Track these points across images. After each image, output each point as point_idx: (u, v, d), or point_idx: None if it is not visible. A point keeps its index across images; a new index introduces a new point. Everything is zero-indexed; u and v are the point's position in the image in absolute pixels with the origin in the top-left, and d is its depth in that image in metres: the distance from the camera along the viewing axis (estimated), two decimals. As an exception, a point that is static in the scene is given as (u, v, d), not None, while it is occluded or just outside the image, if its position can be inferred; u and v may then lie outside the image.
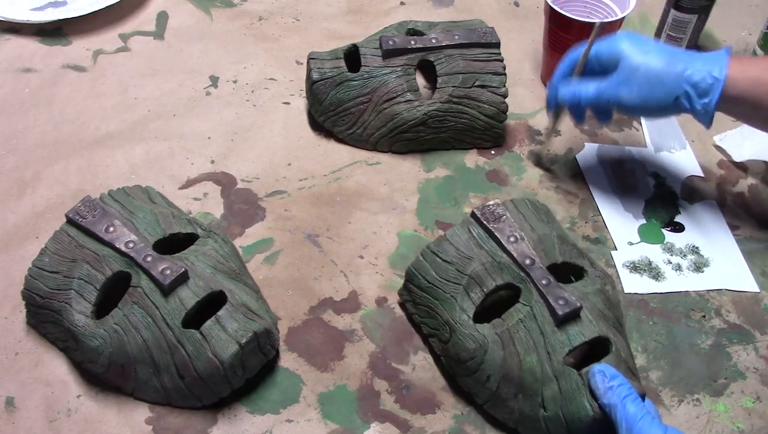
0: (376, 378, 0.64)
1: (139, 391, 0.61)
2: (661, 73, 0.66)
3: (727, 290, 0.71)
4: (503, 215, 0.63)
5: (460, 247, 0.63)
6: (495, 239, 0.62)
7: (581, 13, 0.86)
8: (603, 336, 0.58)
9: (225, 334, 0.58)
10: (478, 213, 0.63)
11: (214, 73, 0.90)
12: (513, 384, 0.58)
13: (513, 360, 0.57)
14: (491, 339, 0.58)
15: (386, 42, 0.79)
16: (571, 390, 0.56)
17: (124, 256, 0.61)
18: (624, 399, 0.53)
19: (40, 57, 0.91)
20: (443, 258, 0.63)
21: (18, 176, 0.78)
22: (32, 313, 0.64)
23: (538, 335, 0.58)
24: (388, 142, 0.81)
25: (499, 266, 0.61)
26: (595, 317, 0.59)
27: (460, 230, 0.64)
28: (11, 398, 0.61)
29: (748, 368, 0.65)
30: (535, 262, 0.60)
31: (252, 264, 0.71)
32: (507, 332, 0.58)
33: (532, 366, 0.57)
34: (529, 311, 0.58)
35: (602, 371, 0.55)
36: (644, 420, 0.52)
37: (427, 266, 0.63)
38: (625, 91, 0.67)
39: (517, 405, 0.58)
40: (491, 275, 0.61)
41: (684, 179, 0.81)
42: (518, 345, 0.58)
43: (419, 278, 0.64)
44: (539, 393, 0.57)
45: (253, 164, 0.80)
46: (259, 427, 0.60)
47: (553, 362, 0.57)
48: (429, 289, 0.63)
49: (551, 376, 0.56)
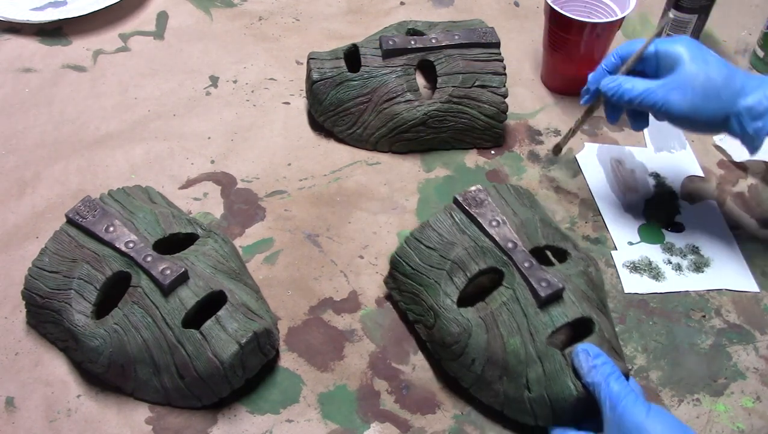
0: (376, 378, 0.64)
1: (139, 391, 0.61)
2: (720, 86, 0.63)
3: (727, 290, 0.71)
4: (485, 200, 0.64)
5: (442, 233, 0.63)
6: (477, 224, 0.63)
7: (581, 13, 0.86)
8: (586, 316, 0.58)
9: (225, 334, 0.58)
10: (460, 198, 0.64)
11: (214, 73, 0.90)
12: (497, 367, 0.58)
13: (497, 342, 0.58)
14: (475, 323, 0.59)
15: (386, 42, 0.79)
16: (555, 371, 0.56)
17: (124, 256, 0.61)
18: (608, 377, 0.53)
19: (40, 57, 0.91)
20: (426, 244, 0.63)
21: (18, 176, 0.78)
22: (32, 313, 0.64)
23: (521, 317, 0.58)
24: (388, 142, 0.81)
25: (481, 250, 0.61)
26: (578, 298, 0.59)
27: (443, 216, 0.64)
28: (11, 398, 0.61)
29: (748, 368, 0.65)
30: (517, 245, 0.60)
31: (252, 264, 0.71)
32: (490, 315, 0.59)
33: (516, 348, 0.57)
34: (512, 294, 0.59)
35: (586, 350, 0.55)
36: (628, 399, 0.52)
37: (410, 252, 0.64)
38: (678, 96, 0.63)
39: (502, 387, 0.58)
40: (474, 260, 0.61)
41: (684, 179, 0.81)
42: (501, 327, 0.58)
43: (403, 265, 0.64)
44: (523, 374, 0.57)
45: (253, 164, 0.80)
46: (259, 427, 0.60)
47: (537, 343, 0.57)
48: (413, 275, 0.63)
49: (535, 357, 0.57)
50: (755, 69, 0.94)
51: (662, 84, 0.64)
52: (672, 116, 0.65)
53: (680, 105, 0.63)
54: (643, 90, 0.65)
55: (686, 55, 0.64)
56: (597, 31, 0.80)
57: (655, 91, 0.65)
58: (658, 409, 0.52)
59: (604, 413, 0.53)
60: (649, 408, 0.51)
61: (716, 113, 0.63)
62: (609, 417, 0.52)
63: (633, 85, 0.66)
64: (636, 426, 0.50)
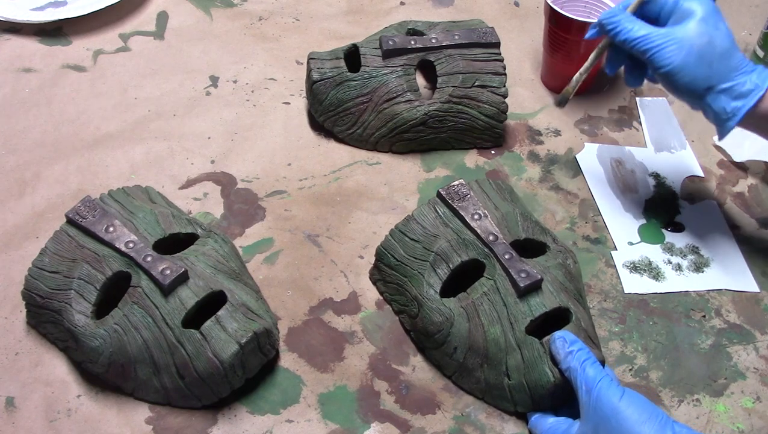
0: (376, 378, 0.64)
1: (139, 391, 0.61)
2: (717, 56, 0.62)
3: (727, 290, 0.71)
4: (467, 194, 0.66)
5: (426, 226, 0.65)
6: (460, 217, 0.65)
7: (581, 13, 0.86)
8: (563, 306, 0.60)
9: (225, 334, 0.58)
10: (444, 193, 0.66)
11: (214, 73, 0.90)
12: (478, 355, 0.60)
13: (478, 331, 0.60)
14: (457, 312, 0.61)
15: (386, 42, 0.79)
16: (534, 358, 0.58)
17: (124, 256, 0.61)
18: (583, 362, 0.55)
19: (40, 57, 0.91)
20: (410, 237, 0.65)
21: (18, 176, 0.78)
22: (32, 313, 0.64)
23: (501, 306, 0.60)
24: (388, 142, 0.81)
25: (464, 242, 0.63)
26: (556, 289, 0.61)
27: (427, 209, 0.66)
28: (11, 398, 0.61)
29: (748, 368, 0.65)
30: (498, 238, 0.62)
31: (252, 264, 0.71)
32: (472, 305, 0.61)
33: (496, 337, 0.59)
34: (493, 285, 0.61)
35: (562, 337, 0.57)
36: (603, 382, 0.53)
37: (395, 245, 0.66)
38: (673, 49, 0.62)
39: (483, 375, 0.60)
40: (456, 252, 0.63)
41: (684, 179, 0.81)
42: (482, 316, 0.60)
43: (388, 257, 0.66)
44: (503, 362, 0.59)
45: (253, 164, 0.80)
46: (259, 427, 0.60)
47: (516, 332, 0.59)
48: (398, 267, 0.65)
49: (514, 346, 0.59)
50: (755, 69, 0.94)
51: (663, 33, 0.63)
52: (658, 68, 0.63)
53: (671, 59, 0.62)
54: (640, 34, 0.63)
55: (700, 13, 0.62)
56: (597, 31, 0.80)
57: (653, 38, 0.63)
58: (632, 392, 0.53)
59: (580, 397, 0.54)
60: (623, 391, 0.53)
61: (702, 80, 0.62)
62: (585, 401, 0.54)
63: (633, 26, 0.64)
64: (611, 408, 0.52)
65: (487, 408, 0.62)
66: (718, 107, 0.63)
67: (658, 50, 0.62)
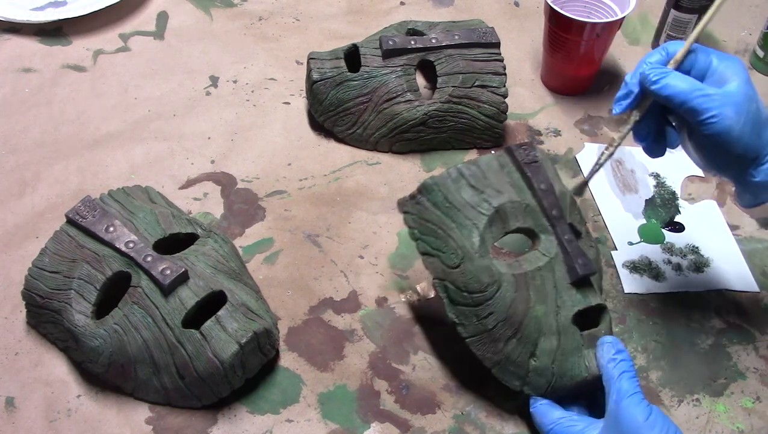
0: (376, 378, 0.64)
1: (139, 391, 0.61)
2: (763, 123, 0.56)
3: (727, 290, 0.71)
4: (538, 160, 0.61)
5: (491, 178, 0.60)
6: (527, 181, 0.61)
7: (581, 13, 0.86)
8: (602, 304, 0.59)
9: (225, 334, 0.58)
10: (515, 151, 0.61)
11: (214, 73, 0.90)
12: (512, 328, 0.58)
13: (522, 304, 0.57)
14: (507, 279, 0.57)
15: (386, 42, 0.79)
16: (571, 349, 0.57)
17: (124, 256, 0.61)
18: (622, 373, 0.54)
19: (40, 57, 0.91)
20: (473, 183, 0.60)
21: (18, 176, 0.78)
22: (32, 313, 0.64)
23: (551, 287, 0.58)
24: (388, 142, 0.81)
25: (526, 209, 0.60)
26: (597, 284, 0.60)
27: (495, 162, 0.61)
28: (11, 398, 0.61)
29: (748, 368, 0.65)
30: (561, 215, 0.60)
31: (252, 264, 0.71)
32: (524, 276, 0.58)
33: (539, 316, 0.57)
34: (549, 263, 0.58)
35: (612, 343, 0.57)
36: (633, 398, 0.53)
37: (450, 185, 0.60)
38: (731, 113, 0.54)
39: (507, 347, 0.58)
40: (516, 216, 0.59)
41: (684, 179, 0.81)
42: (532, 291, 0.58)
43: (439, 194, 0.60)
44: (535, 343, 0.57)
45: (253, 164, 0.80)
46: (259, 427, 0.60)
47: (560, 317, 0.57)
48: (447, 209, 0.59)
49: (554, 330, 0.57)
50: (755, 69, 0.94)
51: (721, 93, 0.55)
52: (714, 133, 0.55)
53: (731, 123, 0.55)
54: (696, 90, 0.55)
55: (741, 76, 0.56)
56: (597, 31, 0.80)
57: (712, 96, 0.55)
58: (659, 414, 0.52)
59: (608, 405, 0.54)
60: (650, 411, 0.52)
61: (753, 149, 0.56)
62: (612, 410, 0.53)
63: (683, 82, 0.56)
64: (634, 426, 0.51)
65: (487, 407, 0.62)
66: (763, 180, 0.57)
67: (719, 112, 0.55)
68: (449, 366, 0.64)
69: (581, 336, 0.58)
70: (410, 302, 0.69)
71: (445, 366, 0.65)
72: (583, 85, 0.89)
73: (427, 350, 0.66)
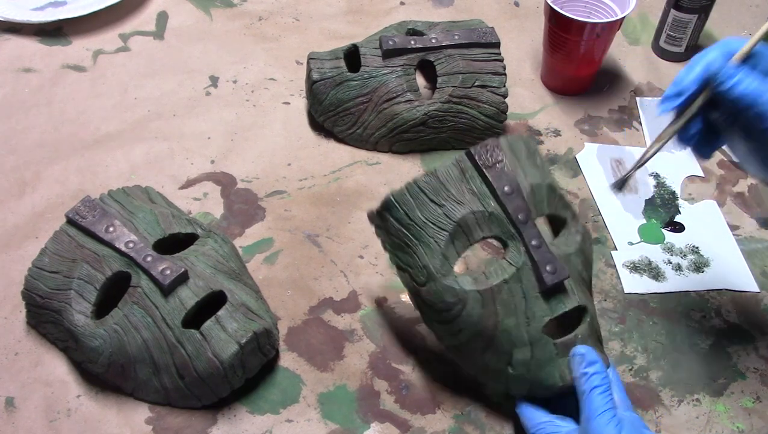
0: (376, 378, 0.64)
1: (139, 391, 0.61)
2: None
3: (727, 290, 0.71)
4: (501, 160, 0.58)
5: (451, 189, 0.58)
6: (489, 187, 0.58)
7: (581, 13, 0.86)
8: (581, 304, 0.57)
9: (225, 334, 0.58)
10: (475, 154, 0.58)
11: (214, 73, 0.90)
12: (484, 341, 0.57)
13: (491, 319, 0.56)
14: (472, 296, 0.56)
15: (386, 42, 0.79)
16: (544, 359, 0.56)
17: (124, 256, 0.61)
18: (593, 389, 0.53)
19: (40, 57, 0.91)
20: (431, 198, 0.57)
21: (18, 176, 0.78)
22: (32, 313, 0.64)
23: (520, 299, 0.56)
24: (388, 142, 0.81)
25: (490, 217, 0.57)
26: (576, 285, 0.58)
27: (453, 169, 0.58)
28: (11, 398, 0.61)
29: (748, 368, 0.65)
30: (528, 219, 0.57)
31: (252, 264, 0.71)
32: (490, 291, 0.56)
33: (509, 329, 0.56)
34: (516, 273, 0.56)
35: (582, 355, 0.55)
36: (603, 416, 0.52)
37: (411, 202, 0.58)
38: None
39: (483, 358, 0.58)
40: (480, 226, 0.57)
41: (684, 179, 0.81)
42: (499, 305, 0.56)
43: (400, 211, 0.58)
44: (509, 353, 0.56)
45: (253, 164, 0.80)
46: (259, 427, 0.60)
47: (531, 328, 0.56)
48: (409, 227, 0.58)
49: (526, 341, 0.56)
50: (755, 69, 0.94)
51: None
52: None
53: None
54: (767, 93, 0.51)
55: None
56: (597, 31, 0.80)
57: None
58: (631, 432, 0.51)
59: (581, 419, 0.54)
60: (620, 430, 0.51)
61: None
62: (583, 427, 0.53)
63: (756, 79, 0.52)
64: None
65: (487, 407, 0.62)
66: None
67: None
68: (449, 366, 0.64)
69: (554, 346, 0.56)
70: (410, 302, 0.69)
71: (445, 366, 0.65)
72: (583, 85, 0.89)
73: (427, 350, 0.66)
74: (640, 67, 0.93)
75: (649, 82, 0.91)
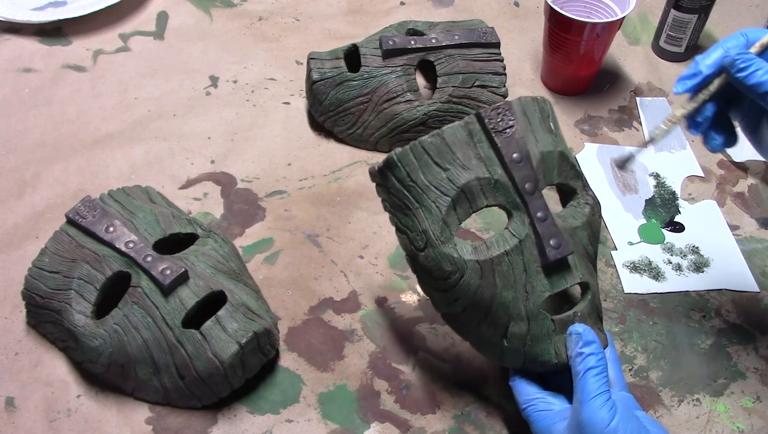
0: (376, 378, 0.64)
1: (139, 391, 0.61)
2: None
3: (727, 290, 0.71)
4: (512, 126, 0.55)
5: (457, 153, 0.54)
6: (497, 153, 0.55)
7: (581, 13, 0.86)
8: (584, 280, 0.56)
9: (225, 334, 0.58)
10: (485, 117, 0.55)
11: (214, 73, 0.90)
12: (480, 313, 0.55)
13: (488, 291, 0.54)
14: (471, 266, 0.54)
15: (386, 42, 0.79)
16: (541, 335, 0.55)
17: (124, 256, 0.61)
18: (588, 370, 0.52)
19: (40, 57, 0.91)
20: (436, 160, 0.55)
21: (18, 176, 0.78)
22: (32, 313, 0.64)
23: (520, 272, 0.54)
24: (388, 142, 0.81)
25: (495, 185, 0.54)
26: (580, 260, 0.56)
27: (461, 131, 0.55)
28: (11, 398, 0.61)
29: (748, 368, 0.65)
30: (535, 189, 0.54)
31: (252, 264, 0.71)
32: (489, 262, 0.54)
33: (507, 302, 0.54)
34: (518, 245, 0.54)
35: (579, 334, 0.54)
36: (597, 400, 0.50)
37: (413, 162, 0.55)
38: None
39: (478, 330, 0.56)
40: (485, 194, 0.54)
41: (684, 179, 0.81)
42: (498, 277, 0.54)
43: (402, 171, 0.55)
44: (505, 326, 0.55)
45: (253, 164, 0.80)
46: (259, 427, 0.60)
47: (530, 303, 0.54)
48: (411, 188, 0.55)
49: (524, 316, 0.54)
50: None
51: None
52: None
53: None
54: None
55: None
56: (597, 31, 0.80)
57: None
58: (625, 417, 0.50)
59: (574, 400, 0.52)
60: (613, 415, 0.50)
61: None
62: (575, 408, 0.52)
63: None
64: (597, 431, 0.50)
65: (487, 407, 0.62)
66: None
67: None
68: (449, 366, 0.64)
69: (552, 322, 0.54)
70: (410, 302, 0.69)
71: (445, 366, 0.65)
72: (583, 85, 0.89)
73: (427, 350, 0.66)
74: (640, 67, 0.93)
75: (649, 82, 0.91)
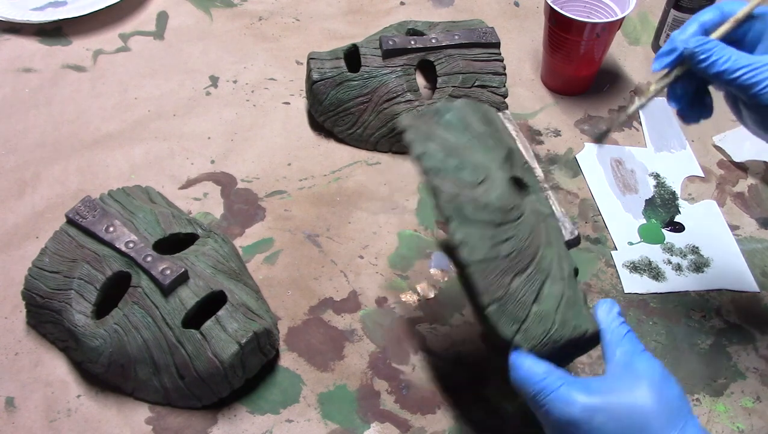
0: (376, 378, 0.64)
1: (139, 391, 0.61)
2: None
3: (727, 290, 0.71)
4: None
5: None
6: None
7: (581, 13, 0.86)
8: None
9: (225, 334, 0.58)
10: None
11: (214, 73, 0.90)
12: (525, 261, 0.52)
13: (537, 239, 0.53)
14: (530, 208, 0.54)
15: (386, 42, 0.79)
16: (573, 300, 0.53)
17: (124, 256, 0.61)
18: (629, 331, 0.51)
19: (40, 57, 0.91)
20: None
21: (18, 176, 0.78)
22: (32, 313, 0.64)
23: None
24: (388, 142, 0.81)
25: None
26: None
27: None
28: (11, 398, 0.61)
29: (748, 368, 0.65)
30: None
31: (252, 264, 0.71)
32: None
33: (548, 258, 0.53)
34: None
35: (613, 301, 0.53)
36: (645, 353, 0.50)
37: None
38: None
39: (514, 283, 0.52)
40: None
41: (684, 179, 0.81)
42: (544, 230, 0.54)
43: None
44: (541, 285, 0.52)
45: (253, 164, 0.80)
46: (259, 427, 0.60)
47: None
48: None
49: (560, 277, 0.53)
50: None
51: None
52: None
53: None
54: (744, 66, 0.52)
55: None
56: (597, 31, 0.80)
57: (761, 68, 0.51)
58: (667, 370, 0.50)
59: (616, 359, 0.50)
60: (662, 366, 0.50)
61: None
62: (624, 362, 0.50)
63: (731, 55, 0.53)
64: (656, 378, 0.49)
65: (487, 407, 0.62)
66: None
67: None
68: (449, 366, 0.64)
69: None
70: (410, 302, 0.69)
71: (445, 366, 0.65)
72: (583, 85, 0.89)
73: (427, 350, 0.66)
74: (640, 67, 0.93)
75: (649, 82, 0.91)
